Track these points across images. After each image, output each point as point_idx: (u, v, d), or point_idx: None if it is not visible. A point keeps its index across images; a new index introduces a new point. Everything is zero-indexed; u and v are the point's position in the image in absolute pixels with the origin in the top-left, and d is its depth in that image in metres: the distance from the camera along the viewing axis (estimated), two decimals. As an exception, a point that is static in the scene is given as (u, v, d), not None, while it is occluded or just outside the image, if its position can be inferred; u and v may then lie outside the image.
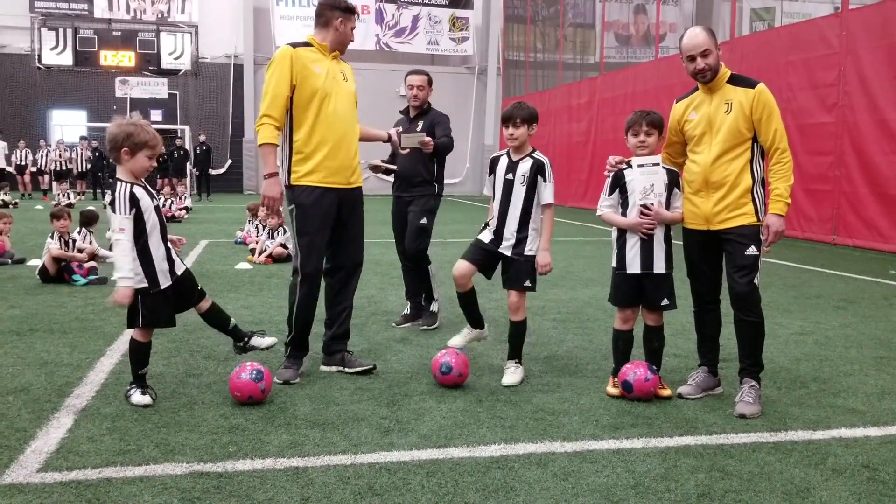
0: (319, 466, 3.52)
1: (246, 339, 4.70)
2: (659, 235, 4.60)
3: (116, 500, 3.14)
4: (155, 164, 4.46)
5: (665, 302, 4.64)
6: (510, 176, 4.93)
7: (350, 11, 5.02)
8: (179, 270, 4.48)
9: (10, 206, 20.88)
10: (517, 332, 5.04)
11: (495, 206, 5.00)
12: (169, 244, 4.47)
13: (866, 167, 13.42)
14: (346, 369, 5.05)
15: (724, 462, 3.66)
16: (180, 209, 18.61)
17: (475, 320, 5.23)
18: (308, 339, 5.15)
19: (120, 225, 4.21)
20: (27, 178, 26.69)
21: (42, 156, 26.89)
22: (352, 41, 5.10)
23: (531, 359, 5.54)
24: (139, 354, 4.42)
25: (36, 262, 9.06)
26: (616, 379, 4.69)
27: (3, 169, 25.71)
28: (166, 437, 3.83)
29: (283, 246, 10.86)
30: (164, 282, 4.36)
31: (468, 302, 5.14)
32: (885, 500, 3.29)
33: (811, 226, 14.68)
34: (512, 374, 4.96)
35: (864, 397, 4.77)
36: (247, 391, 4.33)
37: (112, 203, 4.25)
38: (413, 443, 3.84)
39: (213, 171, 29.15)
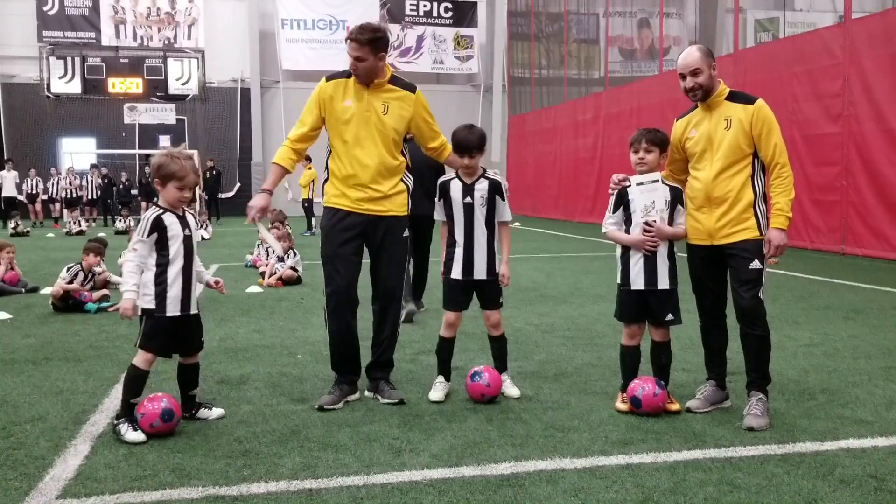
0: (332, 488, 3.57)
1: (194, 409, 4.61)
2: (662, 252, 4.66)
3: (134, 525, 3.20)
4: (187, 195, 4.55)
5: (670, 317, 4.69)
6: (469, 199, 4.99)
7: (348, 40, 4.88)
8: (192, 310, 4.52)
9: (22, 234, 21.06)
10: (503, 346, 5.20)
11: (458, 233, 5.02)
12: (199, 282, 4.64)
13: (873, 176, 13.44)
14: (380, 398, 4.99)
15: (732, 475, 3.70)
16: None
17: (449, 371, 5.22)
18: (349, 365, 5.06)
19: (133, 245, 4.43)
20: (38, 206, 26.92)
21: (53, 184, 27.14)
22: (353, 70, 4.85)
23: (540, 377, 5.59)
24: (135, 381, 4.37)
25: (49, 291, 9.14)
26: (625, 395, 4.74)
27: (15, 198, 25.97)
28: (181, 462, 3.89)
29: (294, 269, 10.95)
30: (172, 310, 4.40)
31: (450, 349, 5.19)
32: (893, 510, 3.33)
33: (819, 236, 14.68)
34: (513, 386, 5.11)
35: (872, 408, 4.79)
36: (151, 419, 4.27)
37: (138, 223, 4.45)
38: (425, 462, 3.89)
39: (222, 195, 29.35)
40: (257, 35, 31.12)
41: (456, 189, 5.03)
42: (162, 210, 4.46)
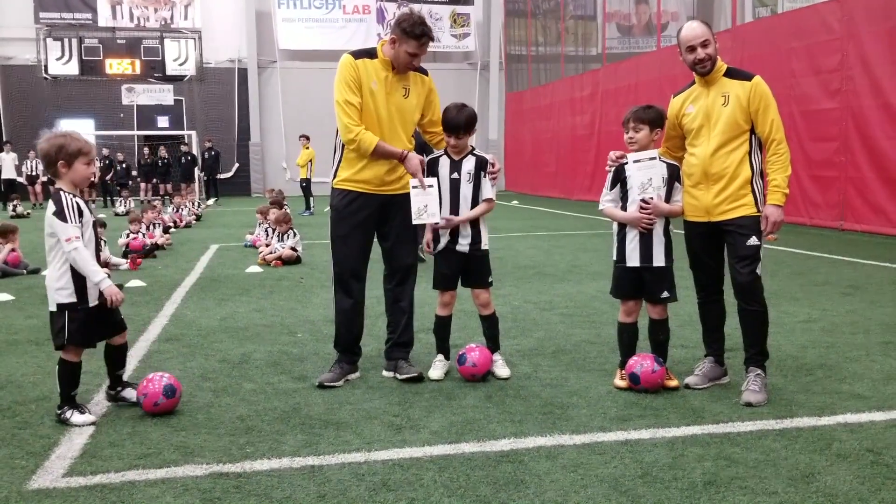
0: (334, 464, 3.62)
1: (119, 388, 4.55)
2: (658, 229, 4.67)
3: (140, 502, 3.25)
4: (94, 170, 4.39)
5: (665, 294, 4.71)
6: (455, 175, 4.98)
7: (406, 34, 4.76)
8: None
9: (23, 216, 21.06)
10: (494, 325, 5.18)
11: (442, 210, 4.97)
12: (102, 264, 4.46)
13: (872, 152, 13.43)
14: (398, 375, 5.01)
15: (730, 450, 3.74)
16: (191, 216, 18.67)
17: (448, 349, 5.23)
18: (352, 344, 5.10)
19: (74, 234, 4.16)
20: (38, 188, 26.88)
21: (51, 165, 27.04)
22: (411, 67, 4.90)
23: (539, 354, 5.63)
24: (70, 375, 4.29)
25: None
26: (623, 371, 4.77)
27: (14, 180, 25.92)
28: (185, 440, 3.94)
29: (293, 249, 10.97)
30: (94, 299, 4.30)
31: (447, 328, 5.20)
32: (888, 482, 3.36)
33: (818, 212, 14.69)
34: (504, 366, 5.10)
35: (869, 382, 4.83)
36: (154, 398, 4.30)
37: (59, 213, 4.17)
38: (425, 439, 3.93)
39: (220, 176, 29.31)
40: (254, 15, 30.89)
41: (444, 165, 5.02)
42: (73, 194, 4.26)
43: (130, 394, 4.54)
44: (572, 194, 25.14)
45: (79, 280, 4.24)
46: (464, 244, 5.01)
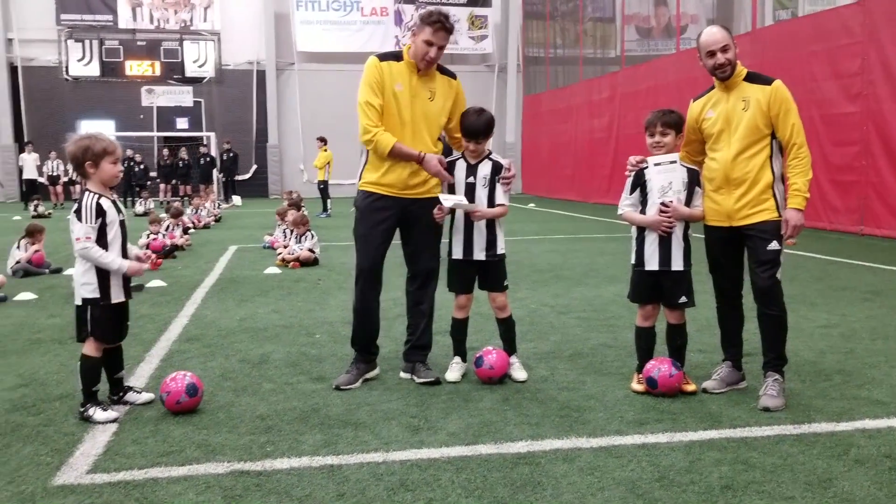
0: (353, 464, 3.65)
1: (121, 393, 4.59)
2: (678, 233, 4.68)
3: (163, 498, 3.30)
4: (121, 169, 4.53)
5: (683, 299, 4.71)
6: (471, 179, 4.99)
7: (422, 21, 4.76)
8: (130, 295, 4.53)
9: (44, 216, 21.27)
10: (511, 327, 5.20)
11: (458, 213, 5.02)
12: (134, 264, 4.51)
13: (893, 156, 13.33)
14: (415, 378, 5.03)
15: (747, 455, 3.74)
16: (210, 218, 18.75)
17: (465, 351, 5.25)
18: (368, 343, 5.13)
19: (86, 234, 4.27)
20: (59, 188, 27.14)
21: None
22: (428, 58, 4.83)
23: (556, 357, 5.64)
24: (92, 371, 4.37)
25: (72, 272, 9.27)
26: (641, 375, 4.78)
27: (36, 180, 26.17)
28: (207, 439, 3.99)
29: (311, 251, 11.03)
30: (117, 296, 4.40)
31: (464, 330, 5.23)
32: (906, 488, 3.36)
33: (838, 217, 14.60)
34: (521, 369, 5.11)
35: (888, 388, 4.81)
36: (176, 397, 4.35)
37: (77, 211, 4.30)
38: (442, 440, 3.96)
39: (238, 177, 29.47)
40: (272, 17, 31.10)
41: (461, 169, 5.05)
42: (98, 195, 4.37)
43: (133, 397, 4.59)
44: (589, 197, 25.09)
45: (103, 277, 4.35)
46: (479, 254, 5.03)
